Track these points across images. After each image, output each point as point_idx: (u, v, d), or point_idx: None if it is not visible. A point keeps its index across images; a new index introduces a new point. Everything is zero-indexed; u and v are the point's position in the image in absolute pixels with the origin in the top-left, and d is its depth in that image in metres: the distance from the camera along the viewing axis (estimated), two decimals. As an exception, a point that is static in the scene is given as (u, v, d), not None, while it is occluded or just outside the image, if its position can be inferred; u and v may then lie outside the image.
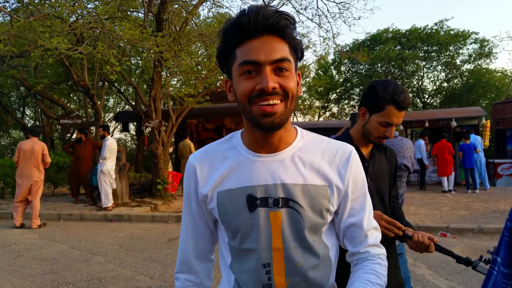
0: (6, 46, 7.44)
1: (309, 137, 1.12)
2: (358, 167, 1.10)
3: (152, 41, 7.84)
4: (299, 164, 1.05)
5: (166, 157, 10.25)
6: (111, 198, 8.50)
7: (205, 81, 11.06)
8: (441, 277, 4.49)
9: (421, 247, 1.75)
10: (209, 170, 1.09)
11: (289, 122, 1.06)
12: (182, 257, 1.18)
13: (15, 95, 18.86)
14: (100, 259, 5.31)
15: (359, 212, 1.09)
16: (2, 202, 9.56)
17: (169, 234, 6.77)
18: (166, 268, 4.92)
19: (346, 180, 1.06)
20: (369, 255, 1.09)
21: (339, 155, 1.08)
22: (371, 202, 1.14)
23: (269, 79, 0.93)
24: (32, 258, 5.32)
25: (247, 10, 0.96)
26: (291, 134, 1.09)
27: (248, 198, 1.03)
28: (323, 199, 1.04)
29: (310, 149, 1.08)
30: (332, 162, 1.07)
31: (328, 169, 1.06)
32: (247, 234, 1.04)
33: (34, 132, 7.51)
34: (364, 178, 1.12)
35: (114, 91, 16.72)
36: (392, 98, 1.74)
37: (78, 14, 8.12)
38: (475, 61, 21.25)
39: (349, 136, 1.96)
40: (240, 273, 1.07)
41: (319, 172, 1.06)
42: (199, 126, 16.19)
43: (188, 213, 1.16)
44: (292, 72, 0.98)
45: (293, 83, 0.98)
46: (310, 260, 1.04)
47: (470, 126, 13.03)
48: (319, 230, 1.06)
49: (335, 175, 1.06)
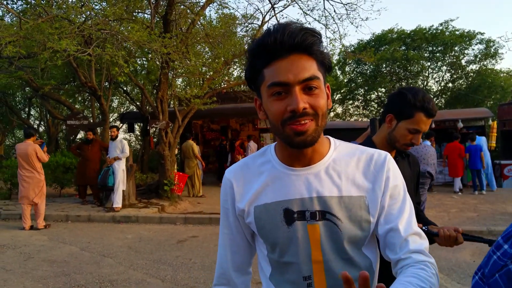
0: (15, 48, 7.47)
1: (343, 147, 1.11)
2: (395, 172, 1.07)
3: (160, 42, 7.85)
4: (334, 176, 1.05)
5: (173, 158, 10.26)
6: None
7: (211, 82, 11.07)
8: (453, 281, 4.47)
9: (450, 241, 1.75)
10: (244, 185, 1.11)
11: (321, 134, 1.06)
12: (221, 270, 1.19)
13: (20, 95, 18.95)
14: (110, 261, 5.32)
15: (396, 217, 1.04)
16: (10, 203, 9.60)
17: (178, 236, 6.77)
18: (176, 270, 4.92)
19: (383, 187, 1.05)
20: (413, 261, 0.99)
21: (373, 163, 1.07)
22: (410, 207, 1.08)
23: (299, 100, 0.94)
24: (42, 260, 5.34)
25: (272, 30, 0.96)
26: (324, 146, 1.09)
27: (285, 212, 1.04)
28: (360, 210, 1.03)
29: (344, 159, 1.07)
30: (367, 171, 1.06)
31: (363, 179, 1.05)
32: (286, 248, 1.04)
33: (27, 134, 7.48)
34: (402, 182, 1.09)
35: (120, 92, 16.76)
36: (422, 106, 1.75)
37: (86, 15, 8.13)
38: (480, 62, 21.18)
39: (372, 143, 1.95)
40: (281, 285, 1.08)
41: (355, 182, 1.05)
42: (204, 127, 16.21)
43: (225, 227, 1.17)
44: (321, 88, 0.98)
45: (323, 100, 0.98)
46: (351, 272, 1.02)
47: (476, 127, 12.97)
48: (359, 242, 1.05)
49: (371, 184, 1.05)
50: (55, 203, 9.44)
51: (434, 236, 1.76)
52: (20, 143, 7.50)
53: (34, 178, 7.27)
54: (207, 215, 8.25)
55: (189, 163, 11.22)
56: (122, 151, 8.71)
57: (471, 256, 5.33)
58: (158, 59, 8.39)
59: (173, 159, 10.31)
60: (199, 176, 11.41)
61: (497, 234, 6.44)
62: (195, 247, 6.04)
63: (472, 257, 5.29)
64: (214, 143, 15.35)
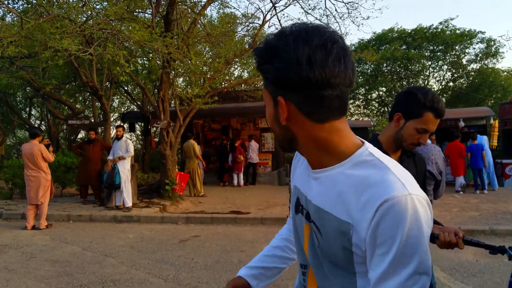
0: (16, 48, 7.46)
1: (365, 159, 0.89)
2: (391, 225, 0.78)
3: (161, 41, 7.85)
4: (330, 187, 0.91)
5: (174, 157, 10.26)
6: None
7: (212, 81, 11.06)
8: (457, 280, 4.47)
9: (450, 245, 1.75)
10: (298, 166, 1.15)
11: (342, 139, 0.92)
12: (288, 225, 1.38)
13: (21, 95, 18.97)
14: (112, 261, 5.32)
15: (375, 267, 0.82)
16: (11, 203, 9.60)
17: (179, 236, 6.77)
18: (179, 270, 4.92)
19: (366, 230, 0.81)
20: None
21: (367, 195, 0.82)
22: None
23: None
24: (45, 260, 5.34)
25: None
26: (341, 153, 0.91)
27: (297, 201, 1.07)
28: (341, 236, 0.87)
29: (352, 174, 0.88)
30: (359, 198, 0.84)
31: (353, 205, 0.85)
32: (294, 231, 1.12)
33: (32, 134, 7.48)
34: (401, 245, 0.78)
35: (121, 92, 16.76)
36: (432, 105, 1.74)
37: (88, 15, 8.12)
38: (481, 61, 21.18)
39: (378, 142, 1.94)
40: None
41: (344, 203, 0.87)
42: (205, 126, 16.19)
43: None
44: (266, 99, 1.00)
45: (267, 110, 0.99)
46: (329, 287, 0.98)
47: (478, 126, 12.96)
48: (339, 264, 0.91)
49: (357, 214, 0.84)
50: (56, 203, 9.44)
51: (435, 239, 1.76)
52: (26, 144, 7.49)
53: (40, 178, 7.27)
54: (208, 214, 8.25)
55: (190, 162, 11.22)
56: (127, 150, 8.71)
57: (474, 255, 5.32)
58: (160, 59, 8.38)
59: (175, 159, 10.31)
60: (200, 175, 11.41)
61: (500, 234, 6.45)
62: (197, 246, 6.04)
63: (475, 256, 5.28)
64: (215, 143, 15.33)
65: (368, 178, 0.85)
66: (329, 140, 0.90)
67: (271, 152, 14.47)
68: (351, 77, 0.87)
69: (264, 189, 12.79)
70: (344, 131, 0.92)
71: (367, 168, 0.87)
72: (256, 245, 6.05)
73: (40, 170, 7.30)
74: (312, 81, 0.83)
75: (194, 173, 11.17)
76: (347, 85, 0.87)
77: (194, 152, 11.12)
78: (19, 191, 10.52)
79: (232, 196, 11.26)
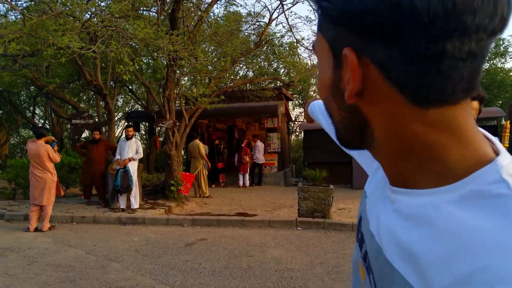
0: (18, 45, 7.30)
1: (490, 190, 0.43)
2: None
3: (167, 39, 7.66)
4: (411, 226, 0.48)
5: (179, 158, 10.07)
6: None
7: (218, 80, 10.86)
8: None
9: None
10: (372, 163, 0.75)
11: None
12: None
13: (24, 94, 18.87)
14: (117, 265, 5.12)
15: None
16: (14, 204, 9.44)
17: (186, 239, 6.57)
18: (186, 276, 4.72)
19: None
20: None
21: (468, 268, 0.39)
22: None
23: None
24: (47, 264, 5.15)
25: None
26: (458, 167, 0.46)
27: (358, 223, 0.70)
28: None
29: (454, 216, 0.44)
30: (451, 267, 0.42)
31: (437, 273, 0.43)
32: (353, 262, 0.71)
33: (38, 134, 7.32)
34: None
35: (126, 91, 16.61)
36: None
37: (92, 12, 7.95)
38: (490, 61, 20.90)
39: None
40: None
41: (411, 260, 0.47)
42: (210, 126, 16.02)
43: None
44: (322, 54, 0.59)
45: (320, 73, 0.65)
46: None
47: (488, 127, 12.69)
48: None
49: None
50: (60, 203, 9.26)
51: None
52: (31, 142, 7.31)
53: (46, 179, 7.12)
54: (215, 216, 8.05)
55: (196, 163, 11.03)
56: (137, 152, 8.53)
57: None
58: (165, 57, 8.19)
59: (180, 159, 10.12)
60: (205, 176, 11.22)
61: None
62: (204, 250, 5.84)
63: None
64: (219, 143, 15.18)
65: (482, 235, 0.40)
66: (432, 143, 0.47)
67: (277, 152, 14.28)
68: (504, 12, 0.42)
69: (270, 190, 12.58)
70: (465, 128, 0.47)
71: (489, 210, 0.42)
72: (265, 250, 5.83)
73: (46, 171, 7.15)
74: (423, 19, 0.40)
75: (199, 174, 10.98)
76: (491, 30, 0.42)
77: (199, 152, 10.92)
78: (22, 191, 10.37)
79: (237, 197, 11.06)
